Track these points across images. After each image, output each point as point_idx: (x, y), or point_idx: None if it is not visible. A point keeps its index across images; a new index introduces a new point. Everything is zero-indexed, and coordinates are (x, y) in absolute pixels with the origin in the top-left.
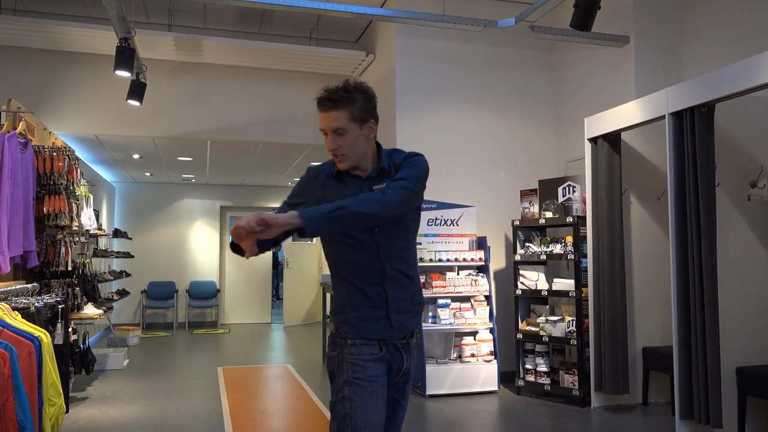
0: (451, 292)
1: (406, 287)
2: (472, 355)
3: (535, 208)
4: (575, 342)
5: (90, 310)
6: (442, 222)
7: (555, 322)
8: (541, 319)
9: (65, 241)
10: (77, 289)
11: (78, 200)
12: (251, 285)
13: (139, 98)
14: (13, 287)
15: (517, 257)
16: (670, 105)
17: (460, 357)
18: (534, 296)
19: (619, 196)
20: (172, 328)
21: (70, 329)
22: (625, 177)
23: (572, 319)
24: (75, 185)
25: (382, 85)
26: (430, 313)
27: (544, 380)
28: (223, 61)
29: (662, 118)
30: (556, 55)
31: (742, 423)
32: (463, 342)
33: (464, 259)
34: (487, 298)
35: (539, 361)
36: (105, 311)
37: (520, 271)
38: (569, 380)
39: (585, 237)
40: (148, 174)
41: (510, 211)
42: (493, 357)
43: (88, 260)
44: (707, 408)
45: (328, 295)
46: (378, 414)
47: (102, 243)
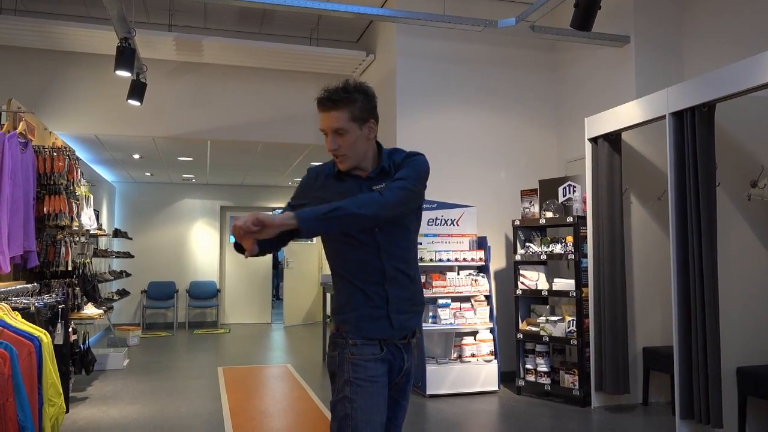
0: (452, 292)
1: (406, 287)
2: (473, 355)
3: (536, 208)
4: (575, 342)
5: (90, 310)
6: (443, 222)
7: (555, 322)
8: (542, 319)
9: (65, 241)
10: (77, 289)
11: (78, 200)
12: (251, 285)
13: (140, 98)
14: (13, 287)
15: (518, 257)
16: (670, 105)
17: (460, 357)
18: (534, 296)
19: (620, 196)
20: (173, 328)
21: (70, 329)
22: (626, 177)
23: (572, 319)
24: (75, 185)
25: (383, 85)
26: (431, 313)
27: (545, 380)
28: (224, 61)
29: (663, 118)
30: (557, 55)
31: (743, 423)
32: (464, 342)
33: (464, 259)
34: (488, 298)
35: (539, 361)
36: (105, 311)
37: (521, 271)
38: (569, 380)
39: (585, 237)
40: (148, 174)
41: (510, 211)
42: (493, 357)
43: (89, 260)
44: (707, 408)
45: (329, 295)
46: (379, 414)
47: (102, 243)
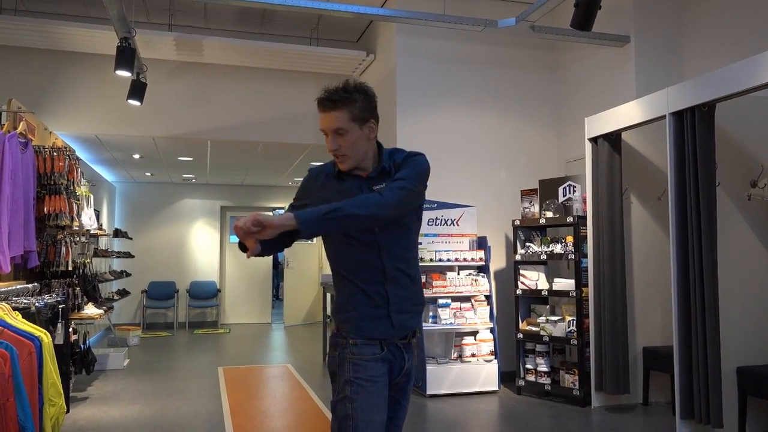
0: (452, 292)
1: (407, 287)
2: (473, 355)
3: (536, 208)
4: (576, 342)
5: (90, 310)
6: (443, 222)
7: (555, 321)
8: (542, 319)
9: (66, 241)
10: (78, 289)
11: (78, 200)
12: (251, 285)
13: (140, 98)
14: (14, 287)
15: (518, 257)
16: (670, 105)
17: (460, 357)
18: (534, 296)
19: (620, 195)
20: (173, 328)
21: (70, 329)
22: (626, 177)
23: (573, 319)
24: (75, 185)
25: (383, 85)
26: (431, 313)
27: (545, 380)
28: (224, 61)
29: (663, 117)
30: (557, 55)
31: (743, 423)
32: (464, 342)
33: (464, 259)
34: (488, 298)
35: (540, 360)
36: (105, 311)
37: (521, 271)
38: (570, 380)
39: (585, 237)
40: (148, 174)
41: (510, 211)
42: (493, 357)
43: (89, 260)
44: (708, 408)
45: (329, 295)
46: (379, 414)
47: (102, 243)
